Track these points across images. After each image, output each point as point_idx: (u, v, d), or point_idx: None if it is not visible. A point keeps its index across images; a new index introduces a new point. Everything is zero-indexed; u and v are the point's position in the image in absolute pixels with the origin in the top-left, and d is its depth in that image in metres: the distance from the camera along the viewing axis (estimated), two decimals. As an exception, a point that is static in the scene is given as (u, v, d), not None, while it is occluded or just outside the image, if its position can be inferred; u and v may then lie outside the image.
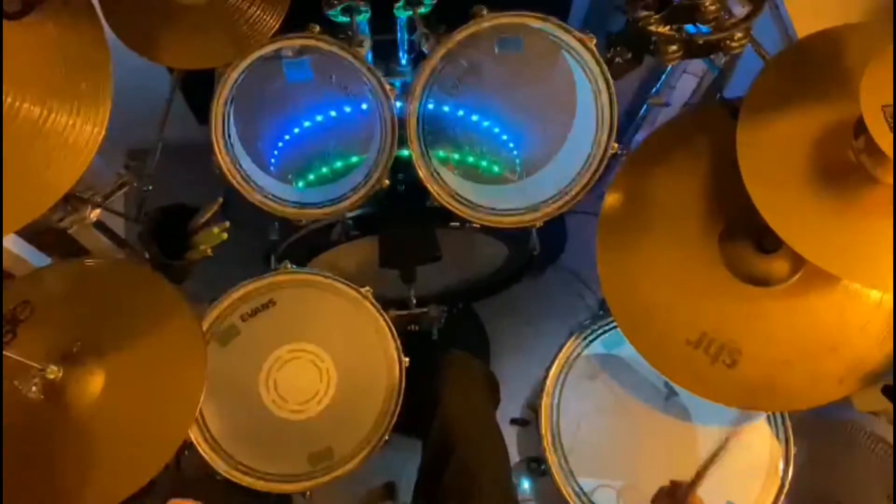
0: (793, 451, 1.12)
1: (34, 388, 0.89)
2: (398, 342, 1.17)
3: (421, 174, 1.18)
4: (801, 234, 0.85)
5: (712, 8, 1.02)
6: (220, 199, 1.15)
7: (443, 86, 1.20)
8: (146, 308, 1.00)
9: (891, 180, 0.81)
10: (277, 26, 1.04)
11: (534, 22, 1.11)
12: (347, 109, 1.31)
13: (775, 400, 1.05)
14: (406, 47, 1.29)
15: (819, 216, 0.85)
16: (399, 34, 1.26)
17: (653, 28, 1.04)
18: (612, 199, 1.08)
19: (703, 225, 1.03)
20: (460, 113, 1.31)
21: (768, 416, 1.13)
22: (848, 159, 0.84)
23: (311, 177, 1.35)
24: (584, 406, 1.16)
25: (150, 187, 1.22)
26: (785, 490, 1.10)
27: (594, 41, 1.12)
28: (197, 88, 1.18)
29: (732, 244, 1.01)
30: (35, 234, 1.23)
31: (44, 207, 0.86)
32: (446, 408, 1.15)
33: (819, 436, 1.20)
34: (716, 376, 1.00)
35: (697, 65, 1.64)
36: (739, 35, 1.03)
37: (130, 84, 1.01)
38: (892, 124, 0.75)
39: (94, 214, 1.08)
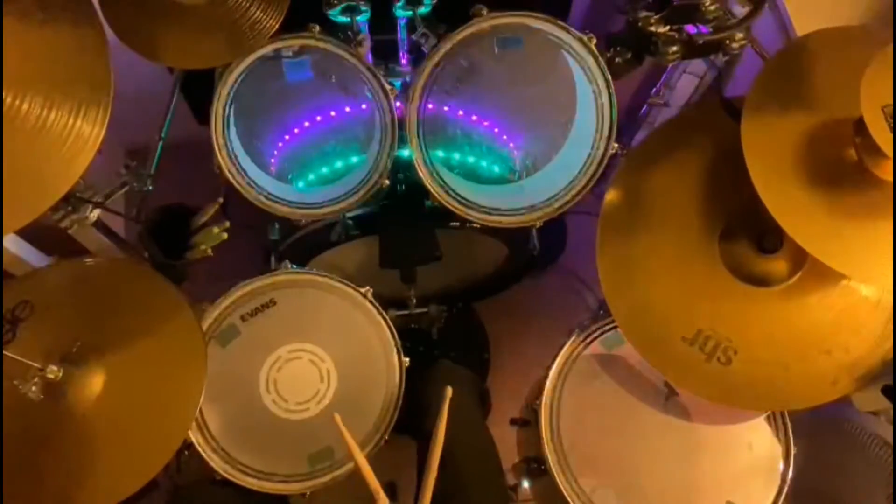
0: (793, 451, 1.12)
1: (34, 388, 0.89)
2: (398, 342, 1.16)
3: (421, 174, 1.18)
4: (805, 230, 0.85)
5: (712, 8, 1.02)
6: (220, 199, 1.15)
7: (443, 86, 1.20)
8: (146, 308, 1.00)
9: (891, 179, 0.81)
10: (277, 26, 1.05)
11: (534, 22, 1.11)
12: (347, 109, 1.31)
13: (769, 399, 1.06)
14: (406, 47, 1.29)
15: (821, 213, 0.85)
16: (399, 34, 1.26)
17: (653, 28, 1.04)
18: (612, 199, 1.09)
19: (703, 224, 1.03)
20: (460, 113, 1.31)
21: (768, 416, 1.13)
22: (849, 157, 0.84)
23: (311, 177, 1.35)
24: (584, 406, 1.16)
25: (150, 187, 1.22)
26: (785, 490, 1.10)
27: (594, 41, 1.12)
28: (197, 88, 1.18)
29: (732, 243, 1.02)
30: (35, 234, 1.24)
31: (44, 207, 0.86)
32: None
33: (819, 436, 1.19)
34: (710, 374, 1.01)
35: (697, 65, 1.64)
36: (739, 35, 1.03)
37: (130, 84, 1.01)
38: (892, 124, 0.75)
39: (94, 214, 1.08)
